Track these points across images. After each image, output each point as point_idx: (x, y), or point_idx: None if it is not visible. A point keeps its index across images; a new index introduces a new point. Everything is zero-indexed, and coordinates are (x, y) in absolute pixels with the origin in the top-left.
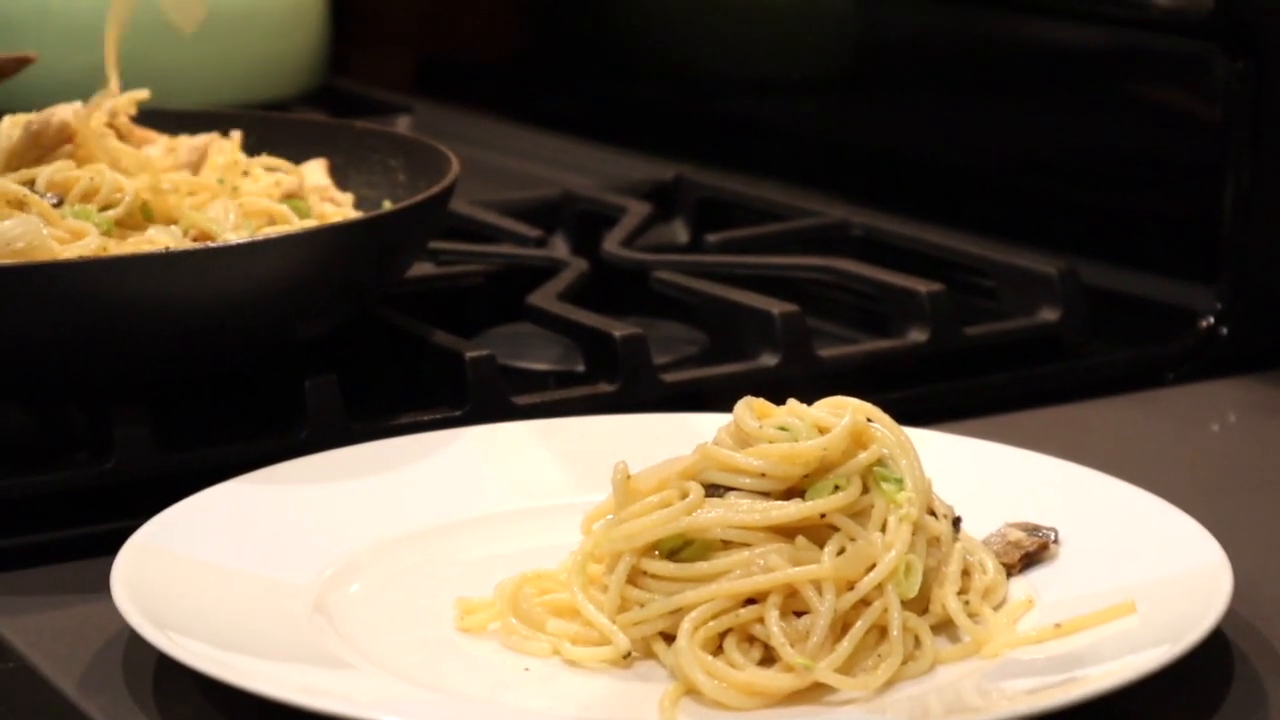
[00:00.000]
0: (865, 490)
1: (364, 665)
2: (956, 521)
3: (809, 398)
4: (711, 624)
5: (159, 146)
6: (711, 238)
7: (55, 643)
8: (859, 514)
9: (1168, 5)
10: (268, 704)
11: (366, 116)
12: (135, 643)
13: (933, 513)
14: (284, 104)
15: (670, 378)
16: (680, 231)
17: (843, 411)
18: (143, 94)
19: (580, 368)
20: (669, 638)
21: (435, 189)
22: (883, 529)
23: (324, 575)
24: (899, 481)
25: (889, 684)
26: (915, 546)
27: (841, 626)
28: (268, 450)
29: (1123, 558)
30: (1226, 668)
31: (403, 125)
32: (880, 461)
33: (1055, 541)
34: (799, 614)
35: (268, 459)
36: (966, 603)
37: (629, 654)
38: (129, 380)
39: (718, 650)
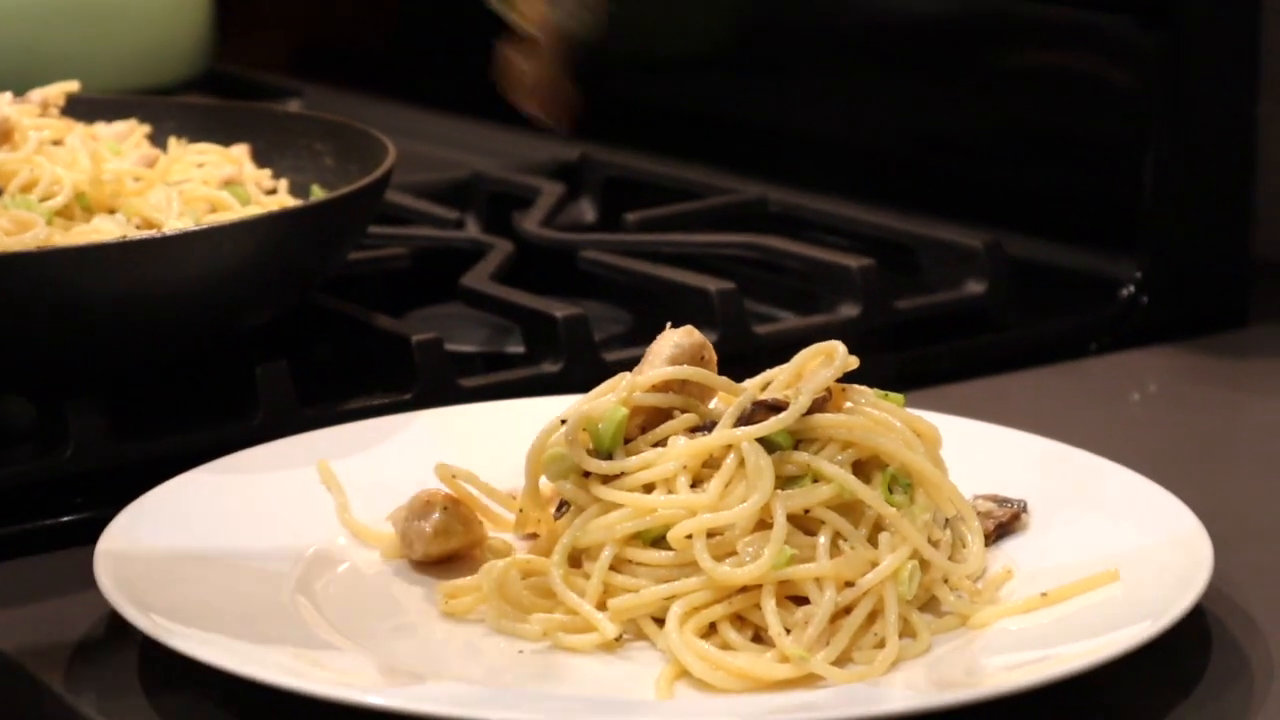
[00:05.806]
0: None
1: (351, 648)
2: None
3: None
4: (703, 613)
5: (78, 134)
6: (631, 216)
7: (34, 636)
8: (848, 507)
9: None
10: (256, 688)
11: (256, 100)
12: (113, 633)
13: None
14: (170, 89)
15: (612, 356)
16: (588, 210)
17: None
18: (73, 85)
19: (510, 349)
20: (661, 619)
21: (379, 172)
22: (879, 526)
23: (305, 556)
24: (907, 488)
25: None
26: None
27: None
28: (223, 438)
29: (1093, 525)
30: (1204, 635)
31: (294, 108)
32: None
33: (1025, 511)
34: (792, 598)
35: (223, 447)
36: (946, 579)
37: (620, 637)
38: (81, 370)
39: (711, 631)
